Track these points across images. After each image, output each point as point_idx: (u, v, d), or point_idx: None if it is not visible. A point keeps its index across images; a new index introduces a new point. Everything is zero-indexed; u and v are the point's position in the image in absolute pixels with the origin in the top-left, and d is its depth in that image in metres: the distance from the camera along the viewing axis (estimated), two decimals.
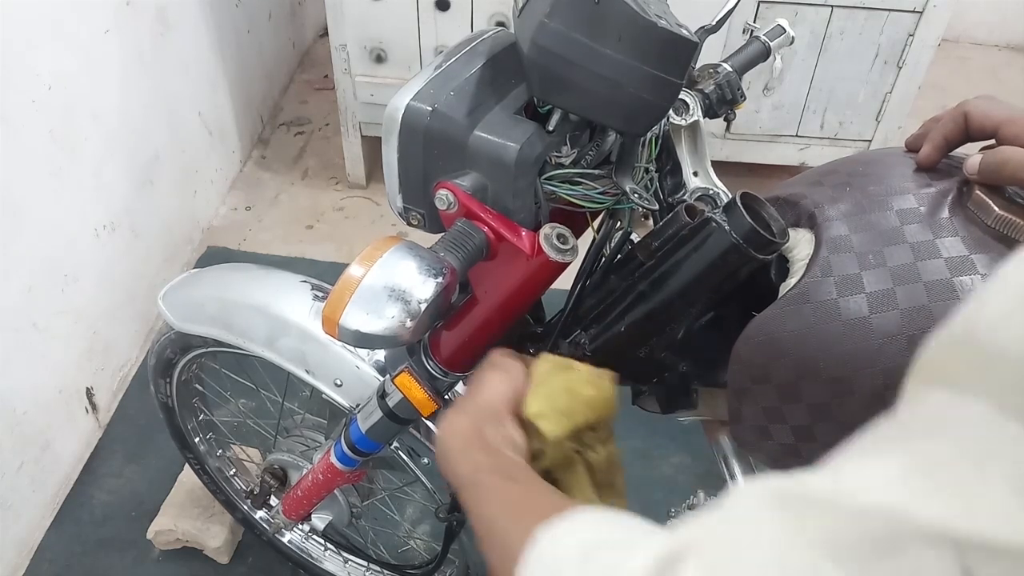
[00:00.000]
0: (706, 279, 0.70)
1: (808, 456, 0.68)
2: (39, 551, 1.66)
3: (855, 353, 0.62)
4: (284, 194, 2.53)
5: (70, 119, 1.65)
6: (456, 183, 0.70)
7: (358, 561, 1.53)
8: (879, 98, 2.24)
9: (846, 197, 0.68)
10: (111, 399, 1.90)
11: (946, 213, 0.65)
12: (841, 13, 2.08)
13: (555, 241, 0.70)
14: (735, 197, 0.67)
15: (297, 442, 1.24)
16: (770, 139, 2.34)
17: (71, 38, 1.64)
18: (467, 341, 0.81)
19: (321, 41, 3.14)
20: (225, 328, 1.12)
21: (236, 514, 1.56)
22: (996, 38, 3.37)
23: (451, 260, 0.67)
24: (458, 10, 2.09)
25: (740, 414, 0.70)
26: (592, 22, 0.62)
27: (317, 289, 1.12)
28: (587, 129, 0.77)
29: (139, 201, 1.95)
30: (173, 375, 1.30)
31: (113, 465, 1.80)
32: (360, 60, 2.21)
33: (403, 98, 0.70)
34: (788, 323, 0.65)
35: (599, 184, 0.72)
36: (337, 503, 1.25)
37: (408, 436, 1.10)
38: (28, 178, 1.54)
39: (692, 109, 0.84)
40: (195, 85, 2.23)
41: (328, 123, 2.77)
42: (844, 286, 0.63)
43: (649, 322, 0.74)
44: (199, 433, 1.44)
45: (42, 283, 1.61)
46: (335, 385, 1.07)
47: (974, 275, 0.61)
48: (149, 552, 1.65)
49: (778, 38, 0.97)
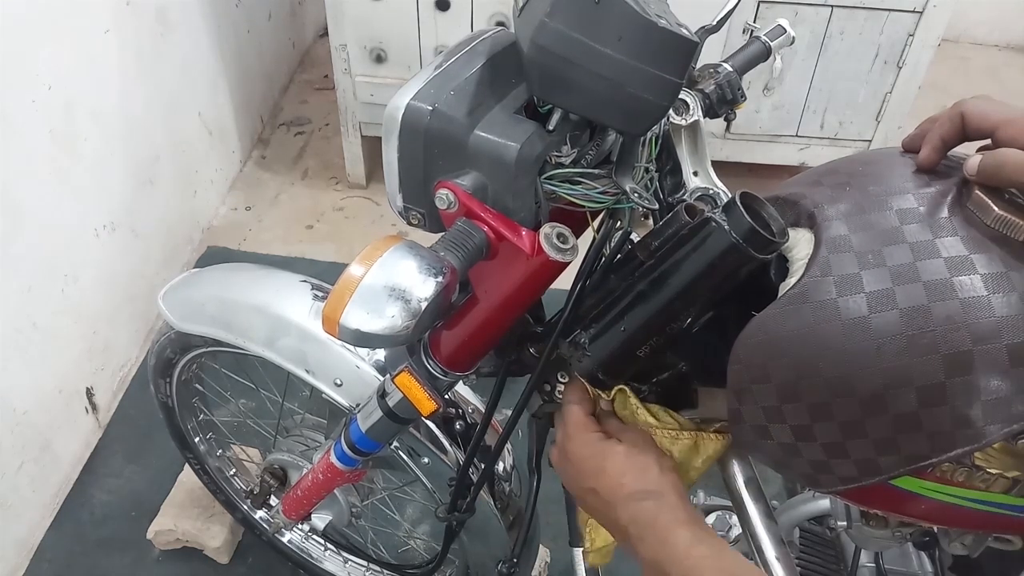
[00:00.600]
0: (706, 279, 0.70)
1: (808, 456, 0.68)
2: (39, 551, 1.66)
3: (854, 353, 0.62)
4: (284, 194, 2.53)
5: (70, 119, 1.65)
6: (456, 182, 0.70)
7: (358, 561, 1.53)
8: (879, 98, 2.24)
9: (846, 197, 0.68)
10: (111, 399, 1.90)
11: (945, 213, 0.65)
12: (841, 13, 2.08)
13: (555, 240, 0.70)
14: (735, 197, 0.67)
15: (297, 442, 1.24)
16: (770, 139, 2.34)
17: (71, 38, 1.64)
18: (467, 340, 0.81)
19: (321, 41, 3.14)
20: (225, 328, 1.12)
21: (236, 514, 1.56)
22: (996, 38, 3.37)
23: (451, 259, 0.67)
24: (458, 10, 2.09)
25: (740, 414, 0.70)
26: (592, 22, 0.62)
27: (317, 289, 1.12)
28: (587, 128, 0.77)
29: (139, 201, 1.95)
30: (173, 375, 1.30)
31: (113, 465, 1.80)
32: (360, 60, 2.21)
33: (403, 98, 0.70)
34: (788, 323, 0.65)
35: (599, 184, 0.72)
36: (337, 503, 1.25)
37: (408, 436, 1.10)
38: (28, 178, 1.54)
39: (692, 109, 0.84)
40: (195, 85, 2.23)
41: (328, 123, 2.77)
42: (843, 286, 0.63)
43: (649, 322, 0.74)
44: (199, 433, 1.44)
45: (42, 283, 1.61)
46: (335, 385, 1.07)
47: (973, 275, 0.61)
48: (149, 552, 1.65)
49: (778, 38, 0.97)
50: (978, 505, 0.69)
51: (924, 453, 0.63)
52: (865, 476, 0.66)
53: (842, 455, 0.66)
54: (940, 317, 0.61)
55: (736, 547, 1.12)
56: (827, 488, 0.70)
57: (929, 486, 0.70)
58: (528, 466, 0.97)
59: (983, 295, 0.60)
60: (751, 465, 0.82)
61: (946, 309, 0.61)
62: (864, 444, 0.64)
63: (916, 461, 0.64)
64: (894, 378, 0.61)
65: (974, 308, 0.60)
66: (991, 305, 0.60)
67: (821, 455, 0.67)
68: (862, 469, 0.66)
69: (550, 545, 1.59)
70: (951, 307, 0.61)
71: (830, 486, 0.70)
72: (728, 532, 1.13)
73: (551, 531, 1.55)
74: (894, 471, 0.65)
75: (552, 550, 1.60)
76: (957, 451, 0.62)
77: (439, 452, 1.11)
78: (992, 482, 0.68)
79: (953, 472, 0.68)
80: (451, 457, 1.11)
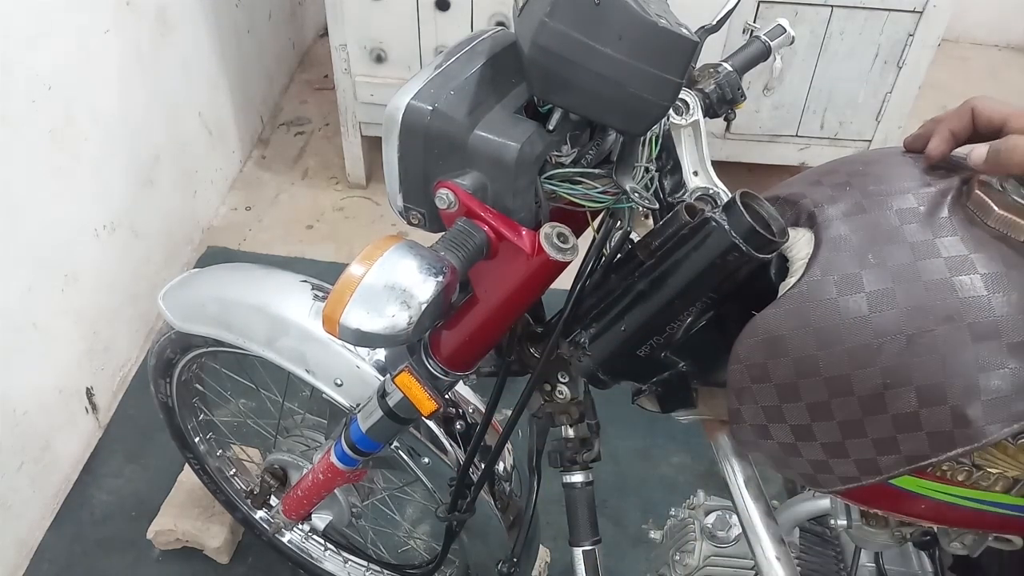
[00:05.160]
0: (706, 278, 0.70)
1: (808, 455, 0.68)
2: (39, 551, 1.66)
3: (854, 352, 0.62)
4: (284, 194, 2.53)
5: (70, 119, 1.65)
6: (456, 182, 0.70)
7: (358, 561, 1.53)
8: (879, 98, 2.24)
9: (846, 197, 0.68)
10: (111, 399, 1.90)
11: (946, 213, 0.65)
12: (841, 13, 2.08)
13: (555, 240, 0.70)
14: (735, 196, 0.67)
15: (297, 442, 1.24)
16: (770, 139, 2.34)
17: (71, 38, 1.64)
18: (467, 340, 0.81)
19: (321, 41, 3.14)
20: (225, 328, 1.12)
21: (236, 514, 1.56)
22: (996, 38, 3.37)
23: (451, 259, 0.67)
24: (458, 10, 2.09)
25: (740, 414, 0.70)
26: (592, 21, 0.62)
27: (317, 289, 1.12)
28: (587, 128, 0.77)
29: (139, 201, 1.95)
30: (173, 375, 1.30)
31: (113, 465, 1.80)
32: (360, 60, 2.21)
33: (403, 97, 0.70)
34: (788, 322, 0.65)
35: (599, 183, 0.72)
36: (337, 503, 1.25)
37: (408, 436, 1.10)
38: (28, 178, 1.54)
39: (692, 108, 0.84)
40: (195, 85, 2.23)
41: (328, 123, 2.77)
42: (844, 285, 0.63)
43: (649, 321, 0.74)
44: (199, 433, 1.44)
45: (42, 283, 1.61)
46: (335, 385, 1.07)
47: (973, 274, 0.61)
48: (149, 552, 1.65)
49: (778, 38, 0.97)
50: (978, 505, 0.70)
51: (924, 453, 0.63)
52: (865, 476, 0.66)
53: (842, 455, 0.66)
54: (940, 317, 0.61)
55: (736, 547, 1.12)
56: (827, 488, 0.70)
57: (929, 486, 0.70)
58: (528, 466, 0.97)
59: (983, 295, 0.60)
60: (751, 465, 0.82)
61: (946, 309, 0.61)
62: (864, 444, 0.64)
63: (916, 461, 0.64)
64: (894, 378, 0.61)
65: (974, 307, 0.60)
66: (991, 305, 0.60)
67: (821, 455, 0.67)
68: (862, 469, 0.66)
69: (550, 545, 1.59)
70: (951, 307, 0.61)
71: (830, 486, 0.70)
72: (728, 532, 1.13)
73: (551, 531, 1.55)
74: (894, 471, 0.65)
75: (552, 550, 1.60)
76: (957, 451, 0.62)
77: (439, 452, 1.11)
78: (992, 482, 0.68)
79: (953, 472, 0.69)
80: (451, 457, 1.11)
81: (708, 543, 1.14)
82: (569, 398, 0.92)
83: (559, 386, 0.91)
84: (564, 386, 0.91)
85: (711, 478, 0.84)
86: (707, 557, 1.13)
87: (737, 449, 0.82)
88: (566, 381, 0.91)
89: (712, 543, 1.14)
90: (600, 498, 0.97)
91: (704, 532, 1.15)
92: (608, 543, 1.36)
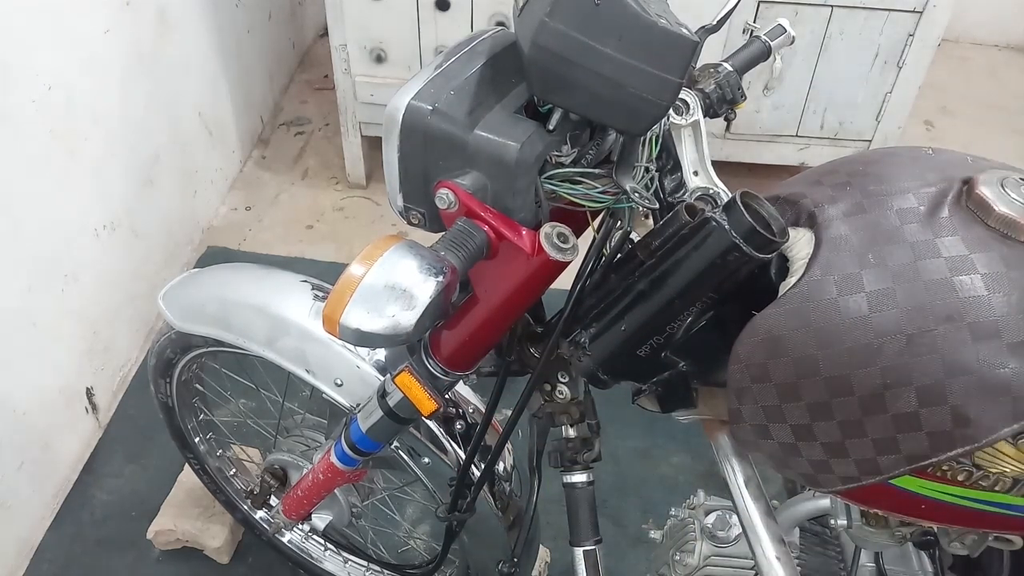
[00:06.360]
0: (706, 278, 0.70)
1: (808, 455, 0.68)
2: (39, 551, 1.66)
3: (855, 352, 0.62)
4: (284, 194, 2.53)
5: (70, 119, 1.65)
6: (456, 182, 0.70)
7: (358, 561, 1.53)
8: (879, 98, 2.24)
9: (846, 196, 0.68)
10: (111, 399, 1.90)
11: (946, 212, 0.65)
12: (841, 13, 2.08)
13: (555, 240, 0.70)
14: (735, 196, 0.67)
15: (297, 442, 1.24)
16: (770, 139, 2.34)
17: (71, 38, 1.64)
18: (468, 340, 0.81)
19: (321, 41, 3.14)
20: (225, 328, 1.12)
21: (236, 514, 1.56)
22: (996, 38, 3.37)
23: (452, 259, 0.67)
24: (458, 10, 2.09)
25: (740, 413, 0.70)
26: (592, 22, 0.62)
27: (317, 289, 1.12)
28: (587, 128, 0.77)
29: (139, 201, 1.95)
30: (173, 375, 1.30)
31: (113, 465, 1.80)
32: (360, 60, 2.21)
33: (403, 97, 0.70)
34: (788, 322, 0.65)
35: (599, 183, 0.72)
36: (337, 503, 1.25)
37: (408, 436, 1.10)
38: (28, 178, 1.54)
39: (692, 108, 0.84)
40: (195, 85, 2.23)
41: (328, 123, 2.77)
42: (844, 285, 0.63)
43: (649, 321, 0.74)
44: (199, 433, 1.44)
45: (42, 283, 1.61)
46: (335, 385, 1.07)
47: (974, 274, 0.61)
48: (149, 552, 1.65)
49: (778, 38, 0.97)
50: (978, 505, 0.69)
51: (924, 453, 0.63)
52: (865, 476, 0.66)
53: (842, 454, 0.66)
54: (940, 317, 0.61)
55: (736, 547, 1.12)
56: (827, 488, 0.70)
57: (929, 486, 0.70)
58: (528, 466, 0.97)
59: (983, 294, 0.60)
60: (751, 465, 0.82)
61: (946, 308, 0.61)
62: (864, 444, 0.64)
63: (916, 461, 0.64)
64: (894, 378, 0.61)
65: (974, 307, 0.60)
66: (991, 304, 0.60)
67: (821, 454, 0.67)
68: (862, 469, 0.66)
69: (550, 545, 1.59)
70: (951, 306, 0.61)
71: (830, 486, 0.70)
72: (728, 532, 1.13)
73: (551, 531, 1.55)
74: (894, 471, 0.65)
75: (552, 550, 1.60)
76: (957, 451, 0.62)
77: (439, 452, 1.11)
78: (993, 482, 0.68)
79: (953, 472, 0.69)
80: (451, 457, 1.11)
81: (708, 543, 1.14)
82: (569, 398, 0.92)
83: (559, 386, 0.91)
84: (564, 386, 0.91)
85: (711, 478, 0.84)
86: (707, 557, 1.13)
87: (737, 449, 0.82)
88: (566, 381, 0.91)
89: (712, 543, 1.14)
90: (600, 498, 0.97)
91: (704, 532, 1.15)
92: (608, 543, 1.35)
